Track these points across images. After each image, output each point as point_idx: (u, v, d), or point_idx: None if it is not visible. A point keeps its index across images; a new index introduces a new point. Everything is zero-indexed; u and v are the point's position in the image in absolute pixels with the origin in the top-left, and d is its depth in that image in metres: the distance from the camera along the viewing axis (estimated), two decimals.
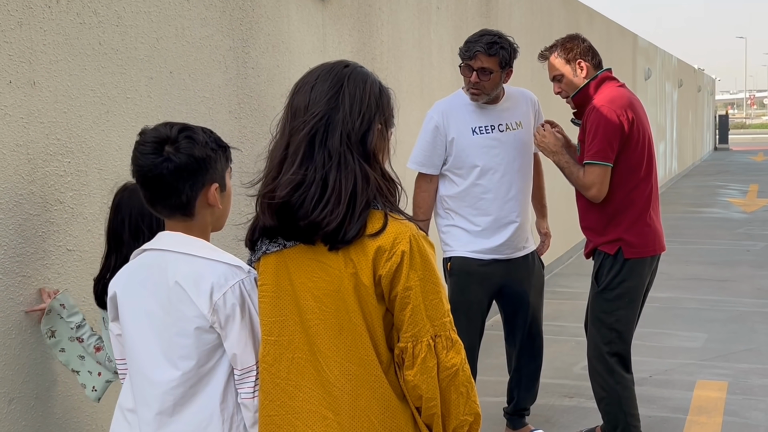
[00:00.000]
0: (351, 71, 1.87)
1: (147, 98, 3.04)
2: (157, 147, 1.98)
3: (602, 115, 3.68)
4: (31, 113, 2.54)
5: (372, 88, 1.87)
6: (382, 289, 1.80)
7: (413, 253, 1.79)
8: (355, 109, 1.82)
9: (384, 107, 1.89)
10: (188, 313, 1.96)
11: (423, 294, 1.79)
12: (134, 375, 2.07)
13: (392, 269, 1.77)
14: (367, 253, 1.78)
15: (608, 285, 3.82)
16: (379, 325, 1.82)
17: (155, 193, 2.02)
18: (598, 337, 3.89)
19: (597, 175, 3.71)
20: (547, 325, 4.36)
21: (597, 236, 3.87)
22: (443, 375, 1.80)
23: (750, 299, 7.18)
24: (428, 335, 1.79)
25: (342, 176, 1.78)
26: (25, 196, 2.52)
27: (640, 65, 13.70)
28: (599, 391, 3.96)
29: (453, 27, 6.14)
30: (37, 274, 2.58)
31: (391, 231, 1.79)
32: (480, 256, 3.91)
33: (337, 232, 1.77)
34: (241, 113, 3.62)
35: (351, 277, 1.80)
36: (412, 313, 1.79)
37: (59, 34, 2.64)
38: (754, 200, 14.45)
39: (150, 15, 3.06)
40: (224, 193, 2.11)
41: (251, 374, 1.98)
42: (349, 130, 1.81)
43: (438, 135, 3.89)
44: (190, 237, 2.03)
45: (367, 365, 1.81)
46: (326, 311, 1.83)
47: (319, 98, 1.83)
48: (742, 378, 5.14)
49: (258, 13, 3.75)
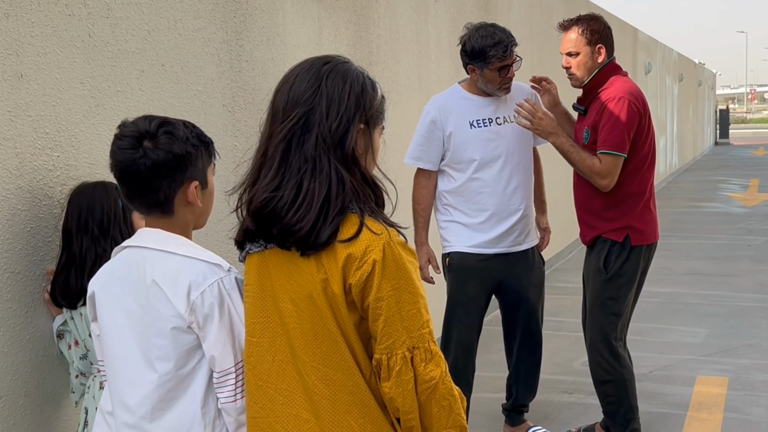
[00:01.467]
0: (330, 69, 1.80)
1: (138, 91, 2.99)
2: (135, 142, 1.93)
3: (624, 106, 3.71)
4: (18, 106, 2.49)
5: (353, 85, 1.80)
6: (353, 297, 1.74)
7: (386, 261, 1.70)
8: (332, 109, 1.76)
9: (366, 106, 1.81)
10: (165, 312, 1.90)
11: (398, 304, 1.71)
12: (112, 376, 2.01)
13: (362, 278, 1.70)
14: (338, 260, 1.72)
15: (618, 272, 3.83)
16: (353, 333, 1.76)
17: (132, 189, 1.96)
18: (605, 322, 3.88)
19: (614, 166, 3.73)
20: (547, 320, 4.32)
21: (602, 223, 3.87)
22: (422, 388, 1.72)
23: (751, 294, 7.14)
24: (404, 347, 1.71)
25: (316, 181, 1.72)
26: (12, 191, 2.48)
27: (640, 59, 13.64)
28: (603, 375, 3.94)
29: (451, 20, 6.09)
30: (25, 270, 2.53)
31: (365, 238, 1.71)
32: (479, 251, 3.88)
33: (308, 238, 1.72)
34: (234, 107, 3.58)
35: (322, 283, 1.74)
36: (386, 324, 1.71)
37: (47, 26, 2.59)
38: (754, 195, 14.40)
39: (141, 6, 3.01)
40: (206, 191, 2.05)
41: (230, 377, 1.91)
42: (325, 133, 1.75)
43: (435, 129, 3.85)
44: (169, 234, 1.98)
45: (346, 371, 1.75)
46: (302, 315, 1.77)
47: (297, 99, 1.77)
48: (743, 374, 5.10)
49: (252, 5, 3.70)
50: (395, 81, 5.22)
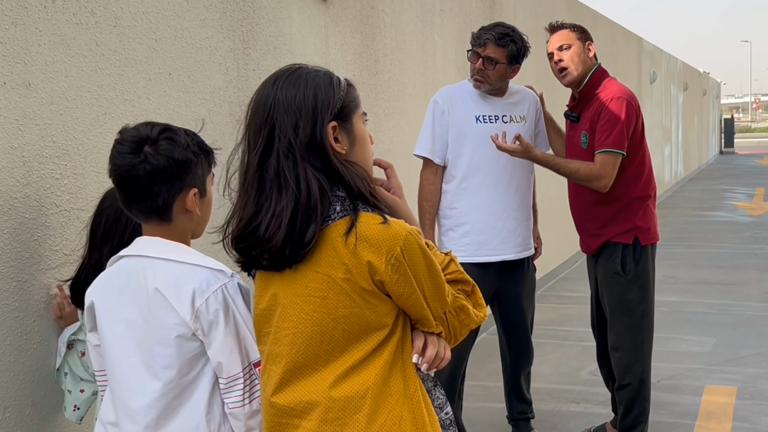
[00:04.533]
0: (282, 81, 1.77)
1: (146, 100, 2.99)
2: (135, 147, 1.92)
3: (623, 106, 3.75)
4: (26, 115, 2.49)
5: (305, 90, 1.75)
6: (382, 288, 1.74)
7: (409, 250, 1.73)
8: (289, 120, 1.72)
9: (327, 104, 1.75)
10: (169, 320, 1.89)
11: (423, 291, 1.77)
12: (115, 387, 2.00)
13: (392, 271, 1.71)
14: (360, 258, 1.71)
15: (635, 274, 3.86)
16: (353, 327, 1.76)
17: (130, 195, 1.96)
18: (630, 324, 3.89)
19: (613, 165, 3.75)
20: (553, 329, 4.31)
21: (608, 229, 3.88)
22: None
23: (758, 303, 7.11)
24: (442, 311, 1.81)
25: (283, 196, 1.70)
26: (20, 200, 2.47)
27: (645, 68, 13.64)
28: (624, 378, 3.93)
29: (457, 29, 6.09)
30: (32, 279, 2.52)
31: (374, 236, 1.70)
32: (477, 260, 3.83)
33: (283, 251, 1.70)
34: (241, 116, 3.56)
35: (345, 282, 1.73)
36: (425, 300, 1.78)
37: (55, 35, 2.60)
38: (760, 204, 14.37)
39: (148, 15, 3.01)
40: (204, 199, 2.04)
41: (238, 382, 1.90)
42: (287, 145, 1.71)
43: (442, 118, 3.84)
44: (169, 242, 1.97)
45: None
46: (305, 321, 1.75)
47: (259, 122, 1.74)
48: (751, 383, 5.07)
49: (259, 14, 3.70)
50: (401, 90, 5.22)
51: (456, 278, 1.88)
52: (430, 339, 1.82)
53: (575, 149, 3.90)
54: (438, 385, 1.93)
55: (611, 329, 3.97)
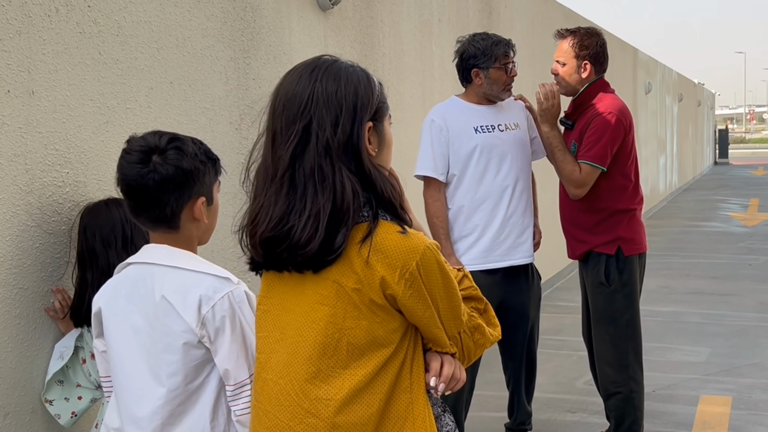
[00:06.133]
0: (320, 75, 1.67)
1: (147, 109, 3.01)
2: (143, 156, 1.94)
3: (611, 122, 3.82)
4: (29, 123, 2.50)
5: (346, 87, 1.66)
6: (393, 302, 1.66)
7: (419, 271, 1.65)
8: (329, 115, 1.63)
9: (366, 105, 1.68)
10: (175, 328, 1.90)
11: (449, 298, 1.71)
12: (120, 392, 2.01)
13: (404, 285, 1.64)
14: (374, 271, 1.64)
15: (619, 283, 3.90)
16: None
17: (139, 204, 1.97)
18: (614, 333, 3.92)
19: (591, 177, 3.84)
20: (548, 339, 4.32)
21: (592, 237, 3.94)
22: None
23: (753, 313, 7.14)
24: (457, 330, 1.75)
25: (320, 197, 1.61)
26: (22, 207, 2.49)
27: (640, 79, 13.69)
28: (611, 387, 3.97)
29: (454, 39, 6.09)
30: (34, 287, 2.53)
31: (395, 247, 1.64)
32: (481, 267, 3.85)
33: (319, 256, 1.62)
34: (241, 124, 3.59)
35: (355, 293, 1.66)
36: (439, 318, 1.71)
37: (59, 44, 2.61)
38: (754, 214, 14.41)
39: (150, 25, 3.03)
40: (211, 207, 2.05)
41: (245, 389, 1.91)
42: (325, 142, 1.63)
43: (441, 136, 3.87)
44: (175, 249, 1.98)
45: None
46: (309, 329, 1.68)
47: (293, 116, 1.65)
48: (747, 393, 5.09)
49: (259, 23, 3.73)
50: (399, 99, 5.24)
51: (470, 295, 1.80)
52: (446, 359, 1.72)
53: None
54: (447, 411, 1.85)
55: (596, 339, 4.01)
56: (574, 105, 3.99)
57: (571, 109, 4.03)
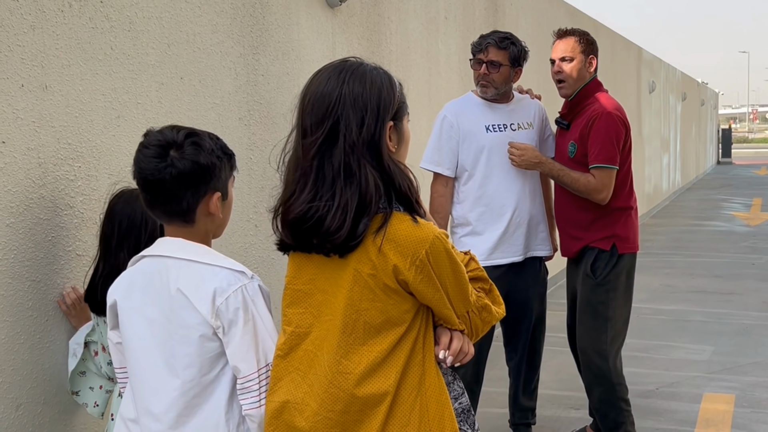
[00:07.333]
0: (347, 77, 1.84)
1: (158, 104, 3.03)
2: (161, 151, 1.95)
3: (613, 121, 3.83)
4: (42, 117, 2.53)
5: (371, 89, 1.83)
6: (406, 287, 1.83)
7: (431, 258, 1.82)
8: (356, 115, 1.80)
9: (388, 105, 1.85)
10: (190, 320, 1.92)
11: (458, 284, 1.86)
12: (136, 384, 2.02)
13: (415, 273, 1.80)
14: (387, 258, 1.81)
15: (605, 278, 3.92)
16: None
17: (155, 198, 1.98)
18: (595, 327, 3.94)
19: (609, 179, 3.84)
20: (553, 336, 4.34)
21: (588, 233, 3.96)
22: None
23: (756, 312, 7.15)
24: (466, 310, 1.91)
25: (349, 189, 1.78)
26: (35, 200, 2.51)
27: (644, 78, 13.70)
28: (593, 380, 4.00)
29: (460, 37, 6.14)
30: (46, 279, 2.56)
31: (408, 236, 1.80)
32: (489, 262, 3.87)
33: (346, 243, 1.80)
34: (250, 120, 3.61)
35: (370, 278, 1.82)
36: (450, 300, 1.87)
37: (71, 39, 2.63)
38: (757, 214, 14.42)
39: (161, 20, 3.05)
40: (226, 202, 2.07)
41: (252, 383, 1.92)
42: (352, 140, 1.80)
43: (451, 132, 3.88)
44: (190, 243, 1.99)
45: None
46: (337, 309, 1.85)
47: (322, 114, 1.81)
48: (750, 391, 5.10)
49: (268, 20, 3.75)
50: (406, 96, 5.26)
51: (476, 276, 1.97)
52: (455, 334, 1.90)
53: (562, 157, 3.98)
54: (457, 378, 2.03)
55: (578, 329, 4.05)
56: (570, 105, 3.98)
57: (566, 109, 4.02)
